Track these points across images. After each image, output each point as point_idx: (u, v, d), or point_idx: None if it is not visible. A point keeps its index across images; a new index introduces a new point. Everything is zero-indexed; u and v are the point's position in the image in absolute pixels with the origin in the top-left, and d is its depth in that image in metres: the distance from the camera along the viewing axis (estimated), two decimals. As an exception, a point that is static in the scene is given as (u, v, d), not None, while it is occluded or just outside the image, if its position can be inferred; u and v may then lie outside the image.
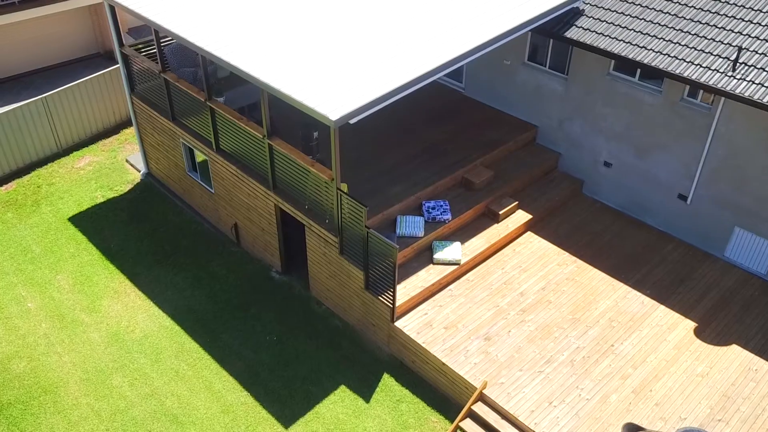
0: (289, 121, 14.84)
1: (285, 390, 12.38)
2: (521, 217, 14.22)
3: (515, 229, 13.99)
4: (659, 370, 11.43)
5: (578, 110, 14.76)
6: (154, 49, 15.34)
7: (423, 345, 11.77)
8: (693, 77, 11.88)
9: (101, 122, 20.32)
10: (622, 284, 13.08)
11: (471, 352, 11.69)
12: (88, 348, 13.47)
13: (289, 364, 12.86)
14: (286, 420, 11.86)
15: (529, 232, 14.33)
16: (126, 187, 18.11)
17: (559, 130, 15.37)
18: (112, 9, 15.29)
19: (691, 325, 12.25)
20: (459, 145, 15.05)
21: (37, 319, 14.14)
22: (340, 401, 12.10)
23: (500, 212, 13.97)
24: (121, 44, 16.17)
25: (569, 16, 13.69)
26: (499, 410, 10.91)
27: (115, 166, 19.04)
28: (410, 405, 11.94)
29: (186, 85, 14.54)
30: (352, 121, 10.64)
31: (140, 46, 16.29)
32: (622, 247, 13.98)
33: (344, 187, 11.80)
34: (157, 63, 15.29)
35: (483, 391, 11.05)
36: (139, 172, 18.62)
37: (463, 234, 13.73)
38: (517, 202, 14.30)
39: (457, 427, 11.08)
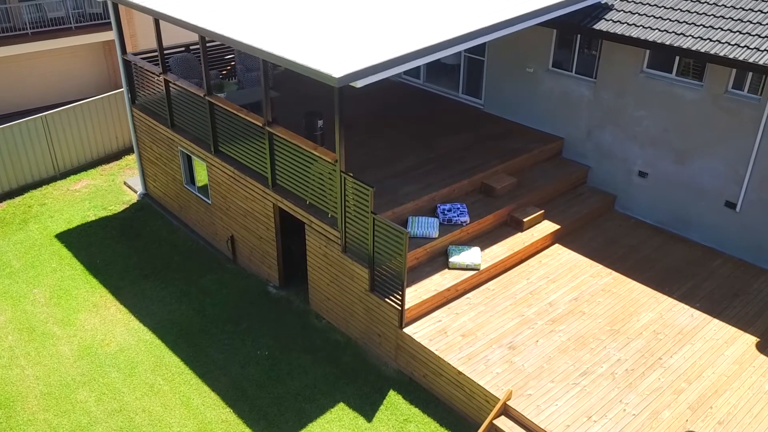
0: (293, 118, 13.77)
1: (274, 407, 10.59)
2: (548, 227, 12.71)
3: (541, 239, 12.45)
4: (719, 385, 9.55)
5: (609, 116, 13.53)
6: (157, 56, 14.59)
7: (436, 352, 10.04)
8: (740, 58, 10.66)
9: (102, 147, 19.46)
10: (666, 297, 11.37)
11: (492, 362, 9.92)
12: (55, 361, 11.86)
13: (281, 380, 11.12)
14: (273, 440, 10.02)
15: (557, 245, 12.78)
16: (121, 207, 16.94)
17: (588, 140, 14.09)
18: (116, 7, 14.65)
19: (752, 339, 10.42)
20: (477, 153, 13.79)
21: (4, 332, 12.62)
22: (337, 420, 10.27)
23: (524, 220, 12.49)
24: (123, 52, 15.48)
25: (597, 10, 12.72)
26: (526, 425, 9.03)
27: (112, 188, 17.98)
28: (419, 425, 10.06)
29: (186, 84, 13.63)
30: (359, 85, 9.47)
31: (143, 56, 15.64)
32: (662, 261, 12.34)
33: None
34: (158, 65, 14.49)
35: (507, 403, 9.21)
36: (137, 192, 17.51)
37: (483, 241, 12.22)
38: (542, 211, 12.84)
39: (476, 445, 9.18)
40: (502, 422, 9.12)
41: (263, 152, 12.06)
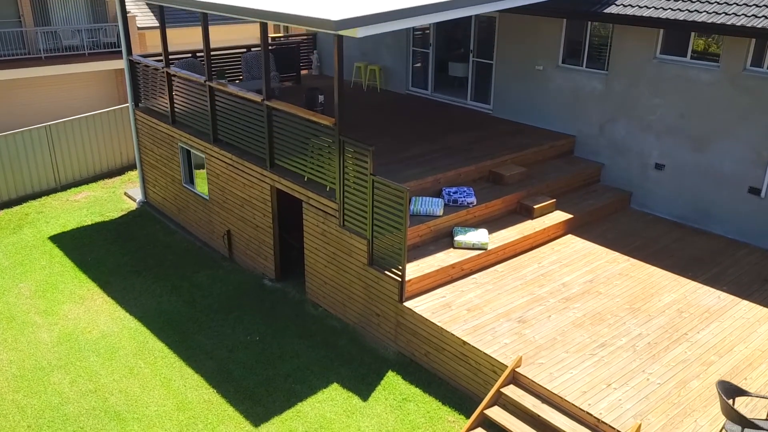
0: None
1: (261, 388, 9.68)
2: (560, 215, 12.01)
3: (553, 226, 11.73)
4: (754, 359, 8.59)
5: (622, 108, 13.04)
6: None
7: (439, 324, 9.20)
8: (759, 26, 10.22)
9: (106, 162, 19.20)
10: (689, 281, 10.51)
11: (500, 333, 9.05)
12: (32, 347, 11.09)
13: (271, 363, 10.24)
14: (257, 418, 9.07)
15: (569, 234, 12.03)
16: (118, 214, 16.48)
17: (601, 136, 13.55)
18: (123, 9, 14.65)
19: (787, 319, 9.49)
20: (485, 146, 13.27)
21: (-18, 321, 11.92)
22: (330, 400, 9.33)
23: (535, 207, 11.81)
24: (129, 53, 15.41)
25: (607, -2, 12.48)
26: (538, 392, 8.07)
27: (112, 198, 17.60)
28: (419, 405, 9.09)
29: (187, 74, 13.42)
30: (359, 34, 9.08)
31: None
32: (683, 251, 11.53)
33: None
34: (161, 61, 14.33)
35: (517, 370, 8.29)
36: (136, 201, 17.08)
37: (491, 226, 11.53)
38: (554, 200, 12.16)
39: (482, 416, 8.18)
40: (510, 390, 8.17)
41: (262, 130, 11.64)
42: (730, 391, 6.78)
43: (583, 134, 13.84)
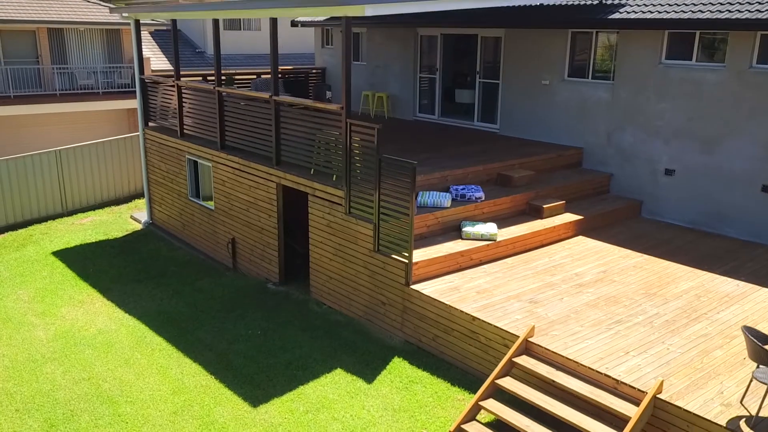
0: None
1: (262, 374, 9.26)
2: (570, 216, 11.80)
3: (563, 225, 11.50)
4: (778, 334, 8.15)
5: (629, 115, 13.03)
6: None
7: (447, 303, 8.86)
8: (764, 18, 10.32)
9: (114, 190, 19.22)
10: (705, 272, 10.18)
11: (511, 311, 8.69)
12: (27, 343, 10.76)
13: (273, 353, 9.85)
14: (256, 400, 8.63)
15: (580, 236, 11.77)
16: (123, 234, 16.35)
17: (609, 146, 13.48)
18: (137, 24, 15.03)
19: (811, 302, 9.09)
20: (493, 154, 13.20)
21: (-22, 322, 11.61)
22: (332, 383, 8.89)
23: (545, 207, 11.62)
24: (141, 72, 15.70)
25: (610, 7, 12.70)
26: (552, 361, 7.65)
27: (118, 221, 17.52)
28: (427, 386, 8.64)
29: (196, 83, 13.61)
30: (368, 12, 9.18)
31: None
32: (697, 249, 11.23)
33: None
34: (172, 76, 14.57)
35: (529, 340, 7.89)
36: (141, 222, 16.98)
37: (500, 223, 11.31)
38: (563, 201, 11.98)
39: (494, 386, 7.72)
40: (523, 360, 7.75)
41: (269, 128, 11.65)
42: (758, 338, 6.39)
43: (591, 145, 13.79)
